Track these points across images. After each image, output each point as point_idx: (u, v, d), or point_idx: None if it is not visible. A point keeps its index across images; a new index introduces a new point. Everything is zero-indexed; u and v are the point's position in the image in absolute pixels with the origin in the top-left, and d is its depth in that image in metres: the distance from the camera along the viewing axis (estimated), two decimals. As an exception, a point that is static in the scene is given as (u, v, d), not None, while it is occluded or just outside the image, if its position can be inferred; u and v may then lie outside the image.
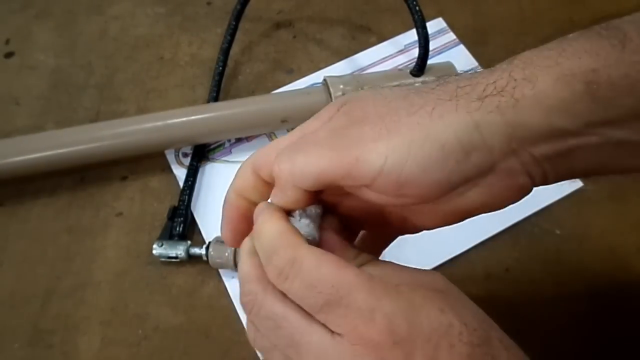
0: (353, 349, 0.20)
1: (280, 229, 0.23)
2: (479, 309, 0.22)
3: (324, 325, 0.21)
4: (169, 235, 0.42)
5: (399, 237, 0.31)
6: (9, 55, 0.54)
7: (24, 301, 0.41)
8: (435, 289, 0.22)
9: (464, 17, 0.54)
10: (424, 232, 0.27)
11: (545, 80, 0.21)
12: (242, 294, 0.24)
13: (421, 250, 0.41)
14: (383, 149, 0.21)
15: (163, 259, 0.41)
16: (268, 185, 0.25)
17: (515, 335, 0.31)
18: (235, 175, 0.27)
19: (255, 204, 0.26)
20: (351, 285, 0.21)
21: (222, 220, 0.27)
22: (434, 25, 0.53)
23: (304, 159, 0.23)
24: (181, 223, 0.42)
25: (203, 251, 0.40)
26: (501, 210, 0.45)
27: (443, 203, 0.23)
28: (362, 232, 0.30)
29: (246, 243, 0.25)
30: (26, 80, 0.52)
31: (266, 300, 0.23)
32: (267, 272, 0.23)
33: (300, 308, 0.22)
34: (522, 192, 0.23)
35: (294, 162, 0.23)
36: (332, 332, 0.21)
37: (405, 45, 0.52)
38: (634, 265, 0.40)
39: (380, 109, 0.23)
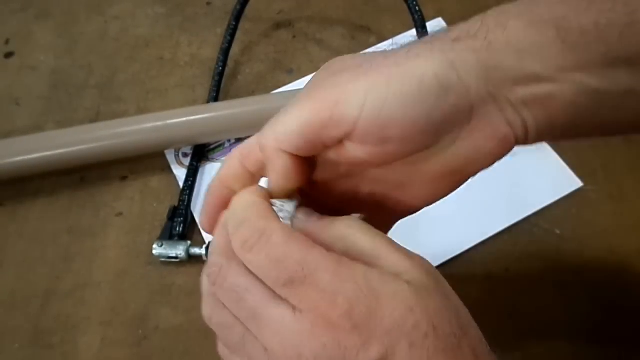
0: (312, 327, 0.20)
1: (255, 200, 0.23)
2: (460, 311, 0.22)
3: (287, 301, 0.21)
4: (169, 235, 0.42)
5: (399, 238, 0.31)
6: (9, 55, 0.54)
7: (24, 301, 0.41)
8: (417, 282, 0.21)
9: (464, 17, 0.54)
10: (423, 232, 0.27)
11: (516, 25, 0.22)
12: (207, 266, 0.24)
13: (421, 250, 0.41)
14: (362, 88, 0.21)
15: (163, 259, 0.41)
16: (252, 176, 0.25)
17: (515, 335, 0.32)
18: (222, 165, 0.26)
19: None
20: (318, 265, 0.21)
21: (202, 207, 0.27)
22: (434, 25, 0.53)
23: (285, 118, 0.23)
24: (181, 223, 0.42)
25: (203, 251, 0.40)
26: (501, 210, 0.45)
27: (429, 162, 0.23)
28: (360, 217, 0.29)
29: (222, 216, 0.25)
30: (26, 80, 0.53)
31: (230, 272, 0.22)
32: (232, 242, 0.22)
33: (264, 283, 0.22)
34: (505, 144, 0.23)
35: (276, 126, 0.23)
36: (294, 307, 0.21)
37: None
38: (634, 265, 0.40)
39: (358, 60, 0.23)
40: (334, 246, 0.22)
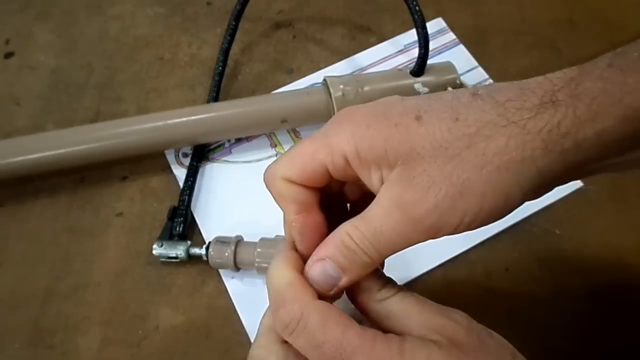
0: None
1: (289, 280, 0.24)
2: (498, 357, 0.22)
3: None
4: (169, 235, 0.42)
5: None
6: (9, 55, 0.54)
7: (24, 301, 0.41)
8: (449, 341, 0.22)
9: (464, 17, 0.54)
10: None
11: (607, 120, 0.21)
12: (253, 347, 0.25)
13: (421, 250, 0.41)
14: (460, 208, 0.22)
15: (163, 259, 0.41)
16: (314, 193, 0.25)
17: (515, 335, 0.31)
18: (278, 201, 0.26)
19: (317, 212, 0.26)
20: (354, 349, 0.21)
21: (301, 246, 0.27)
22: (434, 25, 0.53)
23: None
24: (181, 223, 0.42)
25: (203, 251, 0.40)
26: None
27: None
28: None
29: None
30: (26, 80, 0.53)
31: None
32: (274, 323, 0.23)
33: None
34: (553, 189, 0.24)
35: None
36: None
37: (405, 45, 0.52)
38: (634, 265, 0.40)
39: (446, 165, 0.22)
40: (368, 304, 0.24)
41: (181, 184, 0.45)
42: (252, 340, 0.38)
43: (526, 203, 0.23)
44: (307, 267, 0.24)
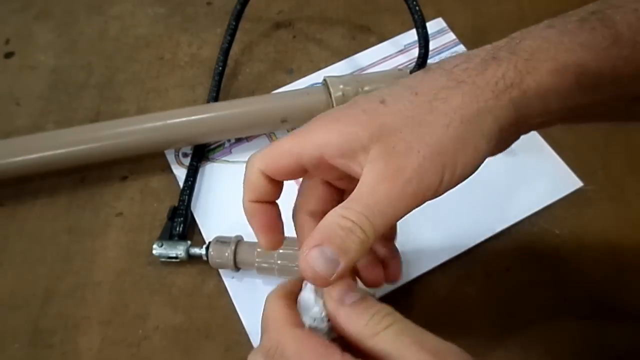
0: None
1: (274, 306, 0.25)
2: None
3: None
4: (169, 235, 0.42)
5: (400, 237, 0.31)
6: (9, 55, 0.54)
7: (24, 301, 0.41)
8: None
9: (464, 17, 0.54)
10: (424, 232, 0.27)
11: (544, 73, 0.24)
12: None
13: (421, 250, 0.41)
14: (439, 162, 0.24)
15: (163, 259, 0.41)
16: (277, 186, 0.27)
17: (514, 336, 0.32)
18: (245, 184, 0.27)
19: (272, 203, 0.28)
20: None
21: (254, 231, 0.28)
22: (434, 25, 0.53)
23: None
24: (181, 223, 0.42)
25: (203, 251, 0.40)
26: (501, 210, 0.45)
27: None
28: None
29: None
30: (26, 80, 0.53)
31: None
32: (261, 346, 0.24)
33: None
34: (512, 142, 0.28)
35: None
36: None
37: (405, 45, 0.52)
38: (634, 266, 0.40)
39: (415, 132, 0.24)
40: (360, 342, 0.23)
41: (181, 184, 0.45)
42: (252, 340, 0.39)
43: (526, 203, 0.24)
44: (302, 255, 0.23)
